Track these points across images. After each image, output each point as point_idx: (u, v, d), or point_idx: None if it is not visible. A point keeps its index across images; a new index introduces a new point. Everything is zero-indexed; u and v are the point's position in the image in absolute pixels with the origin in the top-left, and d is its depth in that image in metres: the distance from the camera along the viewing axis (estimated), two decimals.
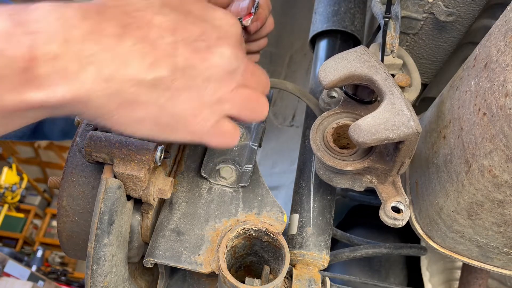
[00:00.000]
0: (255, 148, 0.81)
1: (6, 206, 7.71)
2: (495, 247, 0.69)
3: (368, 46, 0.90)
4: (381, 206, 0.69)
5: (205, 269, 0.70)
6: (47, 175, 9.41)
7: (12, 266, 5.12)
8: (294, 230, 0.83)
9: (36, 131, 1.21)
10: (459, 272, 1.26)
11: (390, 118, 0.60)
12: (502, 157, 0.54)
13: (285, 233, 0.84)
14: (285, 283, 0.76)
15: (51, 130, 1.23)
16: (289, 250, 0.77)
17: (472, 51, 0.67)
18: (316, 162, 0.77)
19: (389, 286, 1.13)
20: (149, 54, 0.45)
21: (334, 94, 0.84)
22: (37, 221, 8.99)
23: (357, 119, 0.64)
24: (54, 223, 8.52)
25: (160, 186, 0.68)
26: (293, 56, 2.17)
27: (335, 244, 1.44)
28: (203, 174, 0.77)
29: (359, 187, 0.74)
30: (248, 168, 0.77)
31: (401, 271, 1.43)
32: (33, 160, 9.13)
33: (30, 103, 0.41)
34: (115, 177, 0.63)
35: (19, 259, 6.25)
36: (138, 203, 0.71)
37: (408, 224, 0.77)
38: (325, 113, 0.74)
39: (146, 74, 0.45)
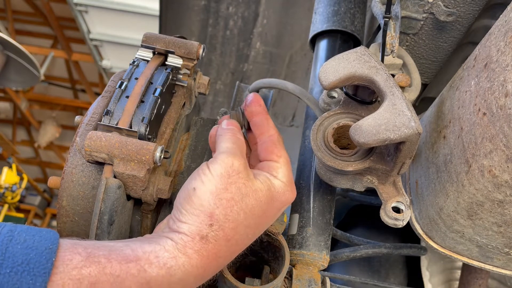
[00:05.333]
0: None
1: (6, 206, 7.71)
2: (495, 247, 0.69)
3: (368, 46, 0.90)
4: (382, 206, 0.69)
5: None
6: (47, 175, 9.41)
7: None
8: (294, 230, 0.83)
9: None
10: (459, 272, 1.26)
11: (391, 118, 0.60)
12: (502, 157, 0.54)
13: (285, 233, 0.84)
14: (285, 283, 0.76)
15: None
16: (289, 250, 0.77)
17: (472, 51, 0.67)
18: (317, 162, 0.77)
19: (389, 286, 1.13)
20: None
21: (334, 94, 0.84)
22: (37, 221, 8.98)
23: (358, 120, 0.64)
24: (54, 223, 8.52)
25: (160, 186, 0.68)
26: (293, 56, 2.17)
27: (335, 244, 1.44)
28: None
29: (359, 187, 0.74)
30: None
31: (401, 271, 1.43)
32: (33, 160, 9.13)
33: None
34: (115, 177, 0.63)
35: None
36: (138, 203, 0.71)
37: (408, 224, 0.77)
38: (325, 113, 0.74)
39: None
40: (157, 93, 0.68)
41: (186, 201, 0.57)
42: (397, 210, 0.68)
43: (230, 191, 0.58)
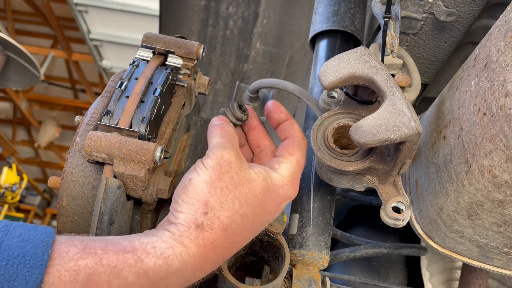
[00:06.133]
0: None
1: (6, 206, 7.71)
2: (495, 247, 0.69)
3: (368, 46, 0.90)
4: (382, 206, 0.69)
5: None
6: (47, 175, 9.41)
7: None
8: (294, 230, 0.83)
9: None
10: (459, 272, 1.26)
11: (391, 119, 0.60)
12: (502, 157, 0.54)
13: (285, 233, 0.84)
14: (285, 283, 0.76)
15: None
16: (289, 250, 0.77)
17: (472, 51, 0.67)
18: (317, 162, 0.77)
19: (389, 286, 1.13)
20: None
21: (334, 94, 0.84)
22: (37, 221, 8.98)
23: (358, 120, 0.64)
24: (54, 223, 8.51)
25: (160, 186, 0.68)
26: (293, 56, 2.17)
27: (335, 244, 1.44)
28: None
29: (359, 187, 0.74)
30: None
31: (401, 271, 1.43)
32: (33, 160, 9.13)
33: None
34: (115, 177, 0.63)
35: None
36: (138, 203, 0.71)
37: (408, 224, 0.77)
38: (325, 113, 0.74)
39: None
40: (157, 93, 0.68)
41: (183, 192, 0.59)
42: (397, 210, 0.68)
43: (224, 180, 0.59)
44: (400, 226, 0.68)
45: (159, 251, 0.54)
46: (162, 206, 0.75)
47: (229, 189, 0.59)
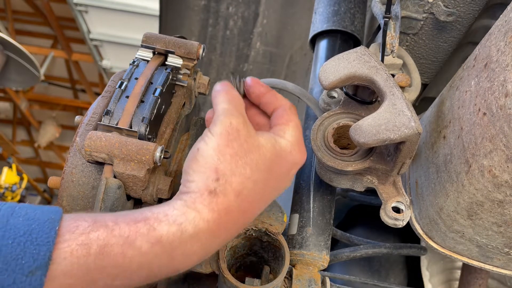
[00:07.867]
0: None
1: None
2: (495, 247, 0.69)
3: (368, 46, 0.90)
4: (382, 206, 0.69)
5: (205, 269, 0.70)
6: (47, 175, 9.40)
7: None
8: (294, 230, 0.83)
9: None
10: (459, 272, 1.26)
11: (391, 118, 0.60)
12: (502, 157, 0.54)
13: (285, 233, 0.84)
14: (285, 283, 0.76)
15: None
16: (289, 250, 0.77)
17: (472, 51, 0.67)
18: (317, 162, 0.77)
19: (389, 286, 1.13)
20: None
21: (334, 94, 0.84)
22: None
23: (358, 120, 0.64)
24: None
25: (160, 186, 0.68)
26: (293, 56, 2.17)
27: (335, 244, 1.44)
28: None
29: (359, 187, 0.74)
30: None
31: (401, 271, 1.43)
32: (33, 160, 9.13)
33: None
34: (115, 177, 0.63)
35: None
36: (138, 203, 0.71)
37: (408, 224, 0.77)
38: (325, 113, 0.74)
39: None
40: (157, 93, 0.68)
41: (192, 162, 0.58)
42: (397, 210, 0.68)
43: (232, 147, 0.58)
44: (400, 226, 0.68)
45: (171, 218, 0.52)
46: None
47: (239, 156, 0.57)
